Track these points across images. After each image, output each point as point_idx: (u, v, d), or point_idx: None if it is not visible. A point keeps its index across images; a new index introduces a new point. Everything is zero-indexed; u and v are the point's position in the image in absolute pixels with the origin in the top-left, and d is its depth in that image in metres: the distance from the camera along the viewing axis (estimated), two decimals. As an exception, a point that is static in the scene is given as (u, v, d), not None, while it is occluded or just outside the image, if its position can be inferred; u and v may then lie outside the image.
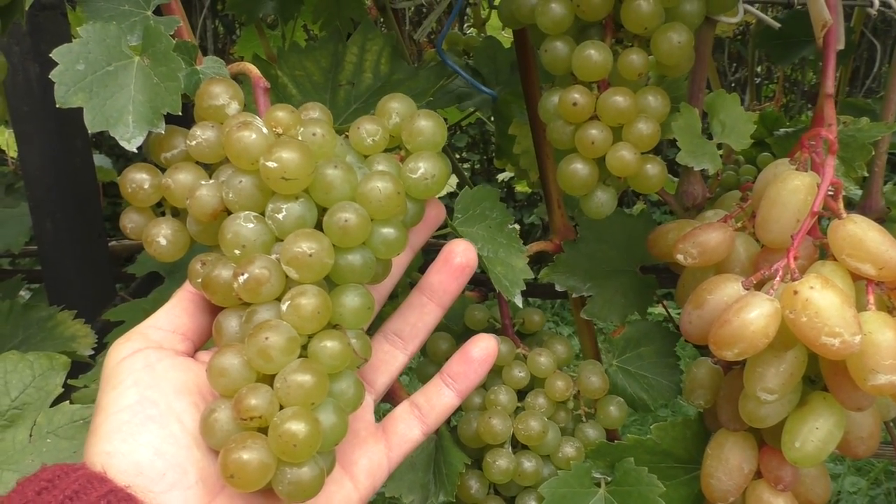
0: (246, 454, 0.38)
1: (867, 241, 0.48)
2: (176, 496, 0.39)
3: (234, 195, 0.41)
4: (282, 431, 0.38)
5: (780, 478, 0.56)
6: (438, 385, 0.50)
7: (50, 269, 0.94)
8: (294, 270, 0.40)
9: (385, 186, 0.42)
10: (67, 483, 0.37)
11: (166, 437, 0.40)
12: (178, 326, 0.45)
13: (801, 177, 0.51)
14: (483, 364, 0.49)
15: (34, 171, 0.90)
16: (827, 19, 0.51)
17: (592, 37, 0.55)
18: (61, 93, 0.41)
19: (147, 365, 0.42)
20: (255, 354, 0.40)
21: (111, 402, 0.40)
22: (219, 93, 0.44)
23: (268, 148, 0.40)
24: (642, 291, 0.68)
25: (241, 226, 0.41)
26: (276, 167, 0.39)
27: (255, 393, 0.39)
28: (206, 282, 0.42)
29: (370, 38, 0.65)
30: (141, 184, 0.44)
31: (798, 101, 3.28)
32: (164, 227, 0.45)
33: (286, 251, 0.40)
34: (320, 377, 0.40)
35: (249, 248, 0.41)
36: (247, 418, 0.39)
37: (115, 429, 0.39)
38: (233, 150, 0.41)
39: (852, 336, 0.45)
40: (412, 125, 0.45)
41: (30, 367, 0.54)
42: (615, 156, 0.55)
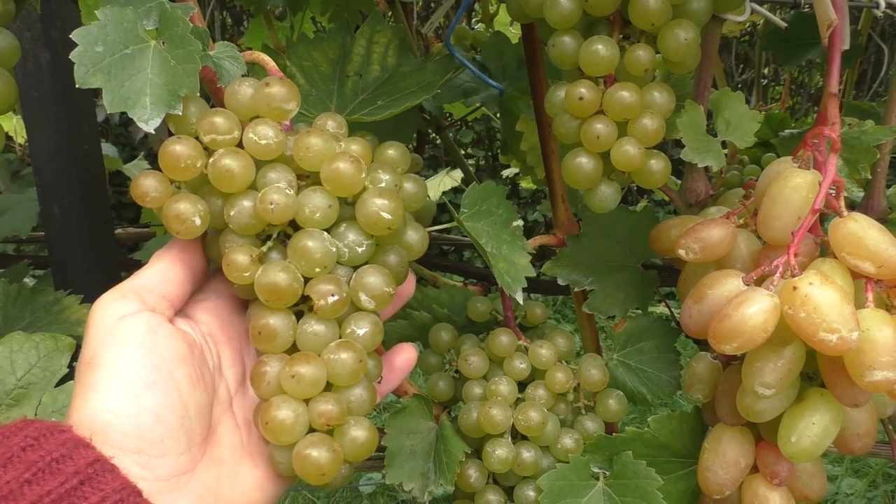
0: (330, 452, 0.45)
1: (867, 239, 0.49)
2: (168, 462, 0.41)
3: (320, 216, 0.45)
4: (354, 436, 0.47)
5: (776, 472, 0.56)
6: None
7: (56, 255, 0.94)
8: (373, 302, 0.47)
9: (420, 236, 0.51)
10: (54, 445, 0.37)
11: (167, 405, 0.41)
12: (167, 292, 0.46)
13: (803, 175, 0.51)
14: (403, 372, 0.55)
15: (43, 157, 0.91)
16: (832, 19, 0.51)
17: (600, 32, 0.56)
18: (80, 73, 0.42)
19: (150, 328, 0.43)
20: (342, 368, 0.46)
21: (114, 360, 0.41)
22: (288, 97, 0.46)
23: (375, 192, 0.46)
24: (644, 287, 0.69)
25: (326, 247, 0.45)
26: (389, 219, 0.46)
27: (337, 401, 0.46)
28: (270, 285, 0.45)
29: (378, 30, 0.65)
30: (193, 160, 0.45)
31: (805, 103, 3.28)
32: (198, 206, 0.45)
33: (369, 285, 0.47)
34: (374, 393, 0.49)
35: (329, 268, 0.46)
36: (332, 425, 0.46)
37: (120, 389, 0.40)
38: (336, 179, 0.45)
39: (850, 332, 0.46)
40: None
41: (35, 347, 0.55)
42: (620, 150, 0.55)
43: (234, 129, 0.45)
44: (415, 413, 0.64)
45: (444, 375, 0.69)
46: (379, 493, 2.10)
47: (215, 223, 0.47)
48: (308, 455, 0.45)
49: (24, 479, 0.36)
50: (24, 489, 0.35)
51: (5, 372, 0.54)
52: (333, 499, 2.17)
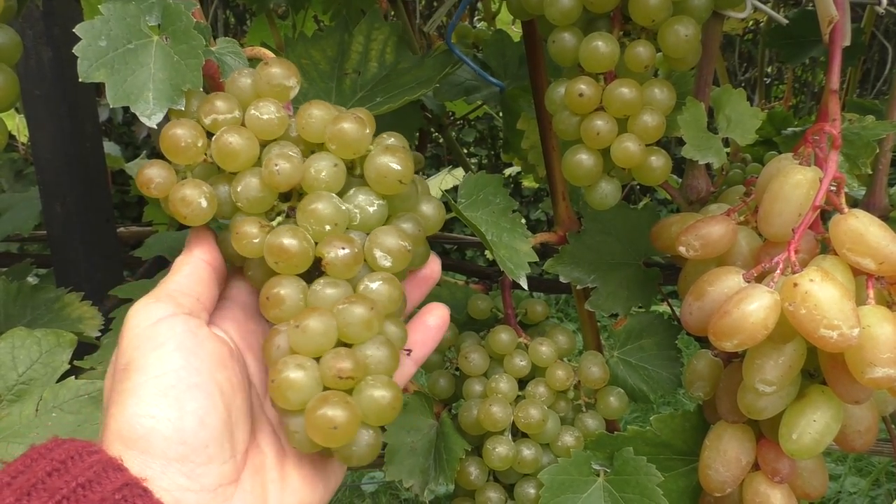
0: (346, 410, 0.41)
1: (868, 235, 0.49)
2: (213, 470, 0.38)
3: (326, 175, 0.44)
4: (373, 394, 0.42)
5: (777, 470, 0.56)
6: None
7: (58, 253, 0.95)
8: (390, 260, 0.45)
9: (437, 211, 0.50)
10: (81, 469, 0.35)
11: (210, 408, 0.39)
12: (200, 295, 0.44)
13: (803, 171, 0.51)
14: (439, 331, 0.50)
15: (45, 155, 0.91)
16: (833, 15, 0.51)
17: (600, 29, 0.56)
18: (84, 68, 0.42)
19: (188, 330, 0.41)
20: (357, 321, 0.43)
21: (153, 364, 0.39)
22: (286, 74, 0.46)
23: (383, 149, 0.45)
24: (646, 285, 0.69)
25: (335, 206, 0.44)
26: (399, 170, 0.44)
27: (351, 357, 0.42)
28: (279, 247, 0.43)
29: (376, 27, 0.65)
30: (194, 140, 0.44)
31: (808, 102, 3.27)
32: (204, 189, 0.44)
33: (386, 242, 0.44)
34: (396, 353, 0.44)
35: (339, 227, 0.44)
36: (344, 377, 0.41)
37: (161, 392, 0.38)
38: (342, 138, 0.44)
39: (850, 329, 0.45)
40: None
41: (37, 343, 0.55)
42: (620, 147, 0.55)
43: (235, 109, 0.45)
44: (415, 410, 0.64)
45: (445, 373, 0.69)
46: (381, 491, 2.10)
47: (224, 212, 0.46)
48: (319, 411, 0.41)
49: None
50: None
51: (7, 367, 0.54)
52: (335, 497, 2.17)
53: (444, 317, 0.50)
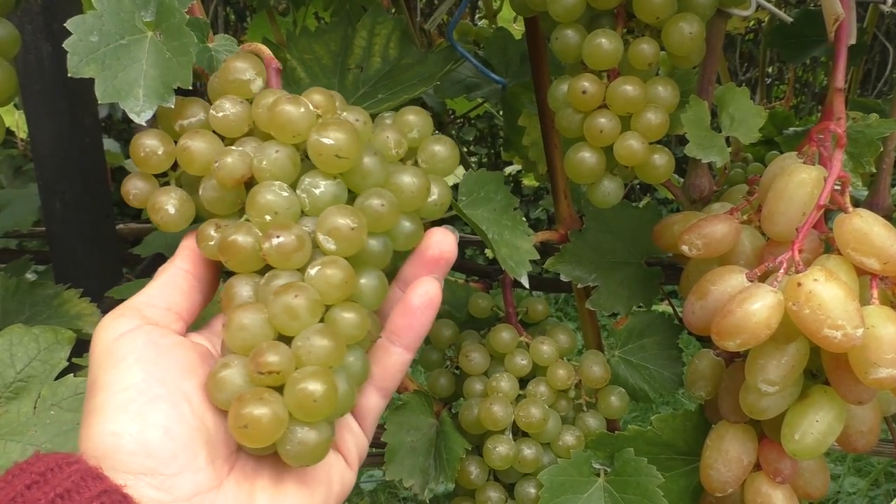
0: (262, 407, 0.38)
1: (872, 235, 0.48)
2: (187, 479, 0.37)
3: (267, 163, 0.42)
4: (301, 387, 0.38)
5: (778, 470, 0.56)
6: (384, 345, 0.46)
7: (57, 249, 0.94)
8: (333, 242, 0.41)
9: (417, 181, 0.44)
10: (60, 479, 0.35)
11: (176, 417, 0.38)
12: (172, 304, 0.43)
13: (808, 170, 0.51)
14: (427, 311, 0.44)
15: (44, 151, 0.90)
16: (839, 13, 0.51)
17: (604, 25, 0.55)
18: (74, 62, 0.41)
19: (150, 342, 0.40)
20: (282, 311, 0.40)
21: (114, 381, 0.38)
22: (244, 68, 0.44)
23: (319, 125, 0.41)
24: (647, 284, 0.69)
25: (275, 193, 0.41)
26: (332, 144, 0.41)
27: (276, 349, 0.39)
28: (227, 244, 0.42)
29: (379, 21, 0.65)
30: (155, 149, 0.44)
31: (808, 102, 3.26)
32: (172, 195, 0.44)
33: (327, 222, 0.41)
34: (340, 342, 0.40)
35: (281, 215, 0.41)
36: (265, 372, 0.39)
37: (121, 408, 0.37)
38: (278, 122, 0.42)
39: (854, 329, 0.45)
40: (430, 148, 0.48)
41: (35, 340, 0.55)
42: (623, 145, 0.55)
43: (200, 112, 0.45)
44: (415, 409, 0.64)
45: (445, 371, 0.69)
46: (380, 490, 2.09)
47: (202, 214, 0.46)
48: (233, 410, 0.39)
49: None
50: None
51: (5, 364, 0.54)
52: (334, 496, 2.16)
53: (430, 294, 0.44)
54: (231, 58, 0.45)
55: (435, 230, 0.46)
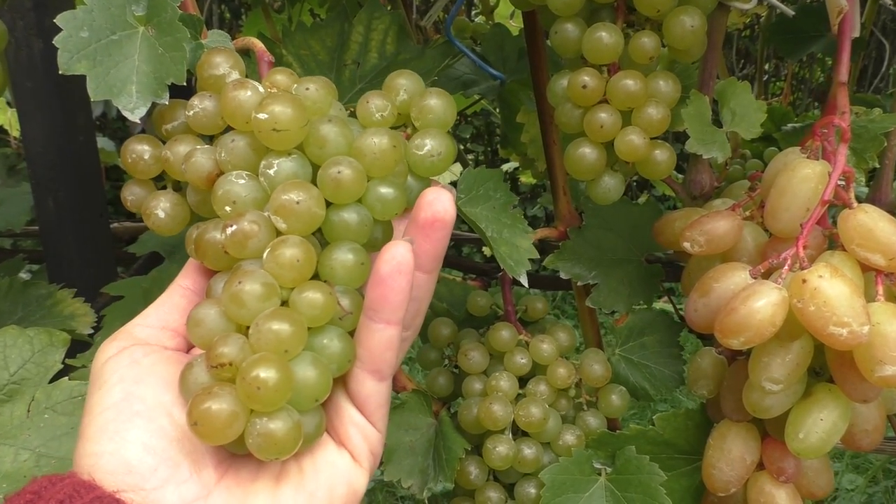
0: (211, 401, 0.36)
1: (877, 231, 0.48)
2: (170, 492, 0.37)
3: (226, 154, 0.40)
4: (247, 375, 0.36)
5: (782, 469, 0.55)
6: (364, 323, 0.41)
7: (51, 248, 0.93)
8: (282, 220, 0.39)
9: (380, 141, 0.40)
10: (53, 493, 0.35)
11: (154, 431, 0.38)
12: (167, 322, 0.43)
13: (811, 165, 0.50)
14: (398, 277, 0.39)
15: (36, 149, 0.89)
16: (843, 6, 0.50)
17: (604, 19, 0.54)
18: (64, 59, 0.40)
19: (132, 361, 0.40)
20: (228, 300, 0.38)
21: (96, 403, 0.39)
22: (219, 62, 0.43)
23: (259, 103, 0.39)
24: (648, 281, 0.68)
25: (232, 182, 0.40)
26: (267, 118, 0.38)
27: (227, 341, 0.38)
28: (198, 244, 0.41)
29: (376, 16, 0.64)
30: (141, 154, 0.44)
31: (805, 98, 3.26)
32: (163, 199, 0.44)
33: (274, 200, 0.39)
34: (297, 326, 0.38)
35: (240, 204, 0.40)
36: (216, 365, 0.37)
37: (101, 429, 0.38)
38: (227, 108, 0.40)
39: (861, 326, 0.44)
40: (421, 102, 0.44)
41: (29, 342, 0.54)
42: (624, 140, 0.54)
43: (182, 115, 0.44)
44: (414, 409, 0.64)
45: (444, 371, 0.68)
46: (377, 489, 2.09)
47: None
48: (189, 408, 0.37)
49: None
50: None
51: (-2, 367, 0.53)
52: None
53: (398, 258, 0.39)
54: (207, 53, 0.44)
55: (427, 190, 0.41)
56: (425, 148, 0.43)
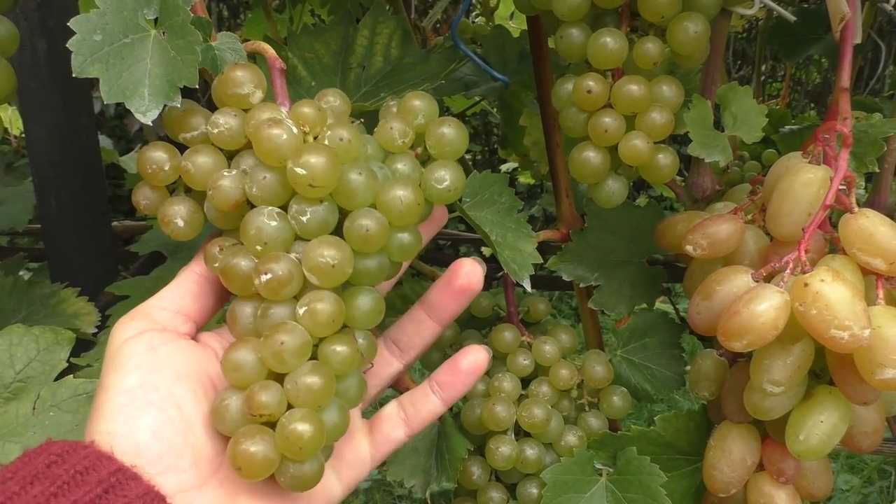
0: (253, 448, 0.41)
1: (878, 235, 0.48)
2: (171, 478, 0.40)
3: (257, 190, 0.42)
4: (289, 433, 0.40)
5: (782, 470, 0.56)
6: (426, 391, 0.50)
7: (53, 247, 0.93)
8: (316, 278, 0.42)
9: (406, 196, 0.43)
10: (77, 459, 0.38)
11: (165, 422, 0.41)
12: (182, 307, 0.45)
13: (813, 170, 0.51)
14: (471, 376, 0.50)
15: (39, 148, 0.89)
16: (845, 12, 0.51)
17: (608, 24, 0.55)
18: (78, 62, 0.41)
19: (150, 349, 0.43)
20: (270, 356, 0.41)
21: (113, 384, 0.42)
22: (243, 81, 0.44)
23: (297, 150, 0.41)
24: (650, 283, 0.68)
25: (264, 223, 0.42)
26: (305, 174, 0.40)
27: (267, 391, 0.41)
28: (226, 270, 0.43)
29: (381, 21, 0.64)
30: (161, 165, 0.45)
31: (801, 100, 3.27)
32: (181, 207, 0.45)
33: (309, 258, 0.41)
34: (328, 380, 0.42)
35: (271, 245, 0.42)
36: (256, 415, 0.41)
37: (117, 410, 0.41)
38: (262, 148, 0.42)
39: (862, 330, 0.45)
40: (437, 131, 0.47)
41: (35, 340, 0.54)
42: (628, 145, 0.55)
43: (202, 124, 0.45)
44: (417, 409, 0.64)
45: (447, 371, 0.68)
46: (375, 488, 2.09)
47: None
48: (230, 447, 0.42)
49: (50, 493, 0.37)
50: (50, 501, 0.36)
51: (4, 365, 0.53)
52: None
53: (478, 363, 0.49)
54: (230, 67, 0.45)
55: (465, 261, 0.49)
56: (444, 183, 0.46)
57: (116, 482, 0.38)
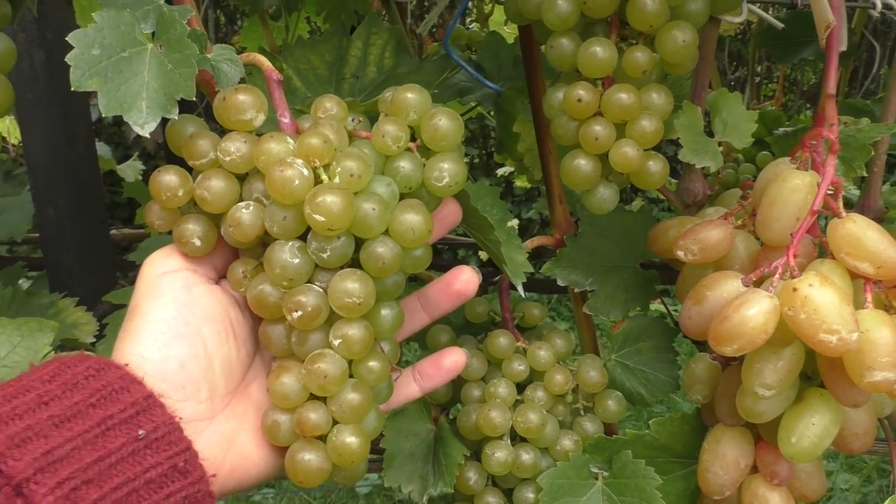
0: (311, 460, 0.46)
1: (866, 240, 0.49)
2: (188, 406, 0.44)
3: (278, 229, 0.45)
4: (340, 448, 0.47)
5: (775, 472, 0.56)
6: (408, 377, 0.55)
7: (52, 257, 0.94)
8: (343, 313, 0.46)
9: (417, 224, 0.46)
10: (111, 377, 0.41)
11: (192, 355, 0.45)
12: (210, 259, 0.49)
13: (801, 176, 0.51)
14: (450, 373, 0.55)
15: (37, 159, 0.90)
16: (830, 20, 0.51)
17: (598, 34, 0.56)
18: (76, 76, 0.42)
19: (186, 286, 0.46)
20: (316, 387, 0.46)
21: (151, 311, 0.45)
22: (246, 107, 0.46)
23: (311, 193, 0.43)
24: (643, 287, 0.69)
25: (288, 262, 0.45)
26: (324, 221, 0.43)
27: (315, 412, 0.47)
28: (257, 299, 0.46)
29: (375, 31, 0.65)
30: (175, 191, 0.46)
31: (797, 101, 3.28)
32: (196, 226, 0.47)
33: (335, 298, 0.45)
34: (367, 395, 0.48)
35: (296, 280, 0.45)
36: (308, 434, 0.47)
37: (151, 336, 0.44)
38: (277, 191, 0.44)
39: (850, 333, 0.46)
40: (430, 125, 0.48)
41: (18, 329, 0.56)
42: (618, 152, 0.55)
43: (210, 151, 0.47)
44: (413, 415, 0.64)
45: (443, 377, 0.69)
46: (375, 493, 2.09)
47: None
48: (288, 459, 0.47)
49: (90, 403, 0.40)
50: (90, 411, 0.39)
51: (-13, 353, 0.54)
52: (329, 499, 2.17)
53: (458, 363, 0.55)
54: (230, 92, 0.46)
55: (465, 269, 0.53)
56: (444, 180, 0.47)
57: (147, 406, 0.41)
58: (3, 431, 0.37)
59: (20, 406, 0.39)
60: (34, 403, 0.39)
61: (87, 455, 0.38)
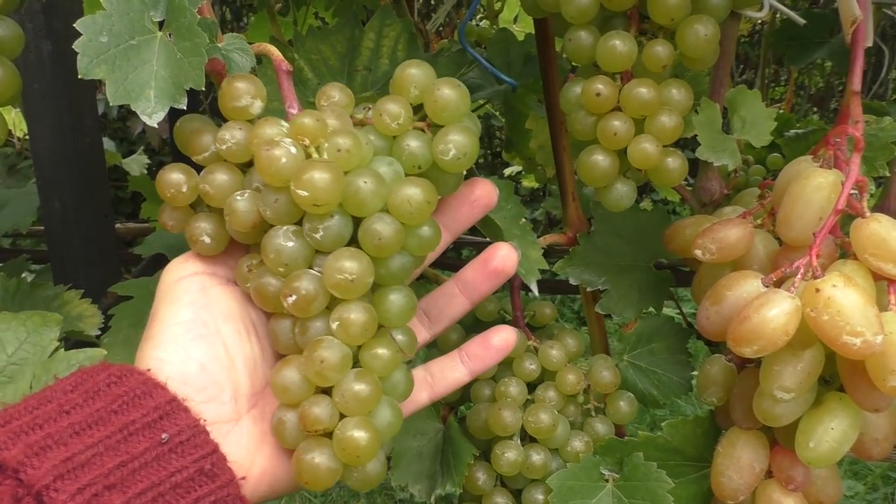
0: (317, 459, 0.43)
1: (891, 240, 0.48)
2: (212, 408, 0.43)
3: (271, 213, 0.43)
4: (345, 443, 0.43)
5: (791, 478, 0.55)
6: (454, 359, 0.52)
7: (57, 249, 0.93)
8: (339, 293, 0.43)
9: (415, 196, 0.43)
10: (134, 383, 0.41)
11: (212, 356, 0.44)
12: (225, 260, 0.48)
13: (825, 174, 0.50)
14: (500, 352, 0.51)
15: (43, 150, 0.89)
16: (857, 15, 0.50)
17: (617, 27, 0.54)
18: (84, 64, 0.41)
19: (202, 288, 0.46)
20: (313, 375, 0.43)
21: (168, 315, 0.45)
22: (241, 93, 0.44)
23: (297, 170, 0.41)
24: (657, 287, 0.68)
25: (281, 245, 0.43)
26: (308, 196, 0.41)
27: (318, 405, 0.44)
28: (257, 291, 0.45)
29: (387, 23, 0.64)
30: (179, 188, 0.45)
31: (804, 104, 3.27)
32: (206, 224, 0.46)
33: (328, 276, 0.42)
34: (374, 385, 0.44)
35: (292, 265, 0.43)
36: (312, 430, 0.43)
37: (170, 339, 0.44)
38: (265, 171, 0.42)
39: (874, 336, 0.45)
40: (433, 97, 0.45)
41: (23, 324, 0.55)
42: (637, 148, 0.54)
43: (211, 145, 0.46)
44: (421, 414, 0.63)
45: (452, 376, 0.68)
46: (377, 492, 2.09)
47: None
48: (295, 459, 0.44)
49: (111, 409, 0.39)
50: (111, 417, 0.39)
51: (-5, 350, 0.53)
52: (330, 497, 2.16)
53: (509, 341, 0.51)
54: (228, 79, 0.45)
55: (502, 245, 0.50)
56: (451, 153, 0.44)
57: (170, 410, 0.40)
58: (23, 441, 0.37)
59: (40, 416, 0.38)
60: (55, 413, 0.39)
61: (109, 461, 0.38)
